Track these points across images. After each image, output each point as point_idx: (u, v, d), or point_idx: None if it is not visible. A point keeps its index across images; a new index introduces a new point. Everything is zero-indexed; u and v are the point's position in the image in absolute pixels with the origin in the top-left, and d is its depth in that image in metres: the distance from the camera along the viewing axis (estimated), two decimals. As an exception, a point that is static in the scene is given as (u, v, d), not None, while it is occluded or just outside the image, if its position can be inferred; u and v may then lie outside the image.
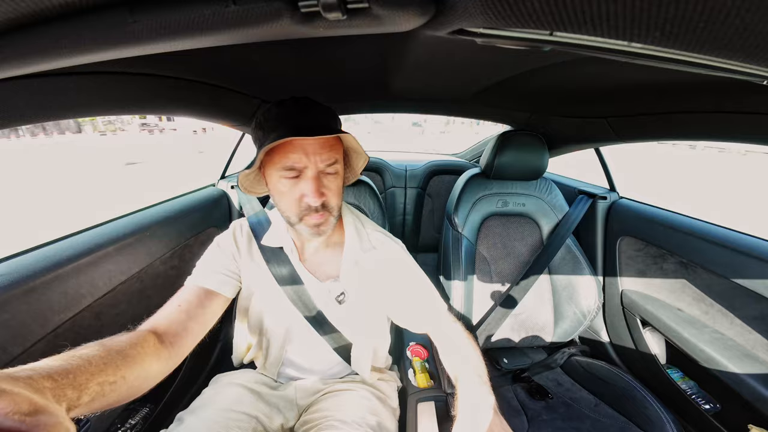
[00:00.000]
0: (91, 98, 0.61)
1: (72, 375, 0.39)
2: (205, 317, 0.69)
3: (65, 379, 0.38)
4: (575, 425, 0.95)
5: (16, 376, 0.33)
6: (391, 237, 0.88)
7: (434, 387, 0.93)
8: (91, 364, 0.43)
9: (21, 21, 0.32)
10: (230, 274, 0.77)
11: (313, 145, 0.63)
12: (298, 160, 0.63)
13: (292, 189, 0.65)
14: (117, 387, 0.46)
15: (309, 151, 0.63)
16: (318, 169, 0.65)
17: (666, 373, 1.14)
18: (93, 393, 0.41)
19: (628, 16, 0.25)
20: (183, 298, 0.69)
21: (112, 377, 0.45)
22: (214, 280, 0.73)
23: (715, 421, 0.99)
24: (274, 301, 0.81)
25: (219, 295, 0.73)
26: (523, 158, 1.25)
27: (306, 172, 0.64)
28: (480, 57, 0.74)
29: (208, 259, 0.78)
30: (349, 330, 0.85)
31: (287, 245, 0.80)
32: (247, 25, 0.32)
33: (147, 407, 0.96)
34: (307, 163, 0.63)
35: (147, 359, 0.53)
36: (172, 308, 0.66)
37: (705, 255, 1.03)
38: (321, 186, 0.65)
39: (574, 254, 1.27)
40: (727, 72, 0.34)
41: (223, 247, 0.80)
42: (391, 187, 2.10)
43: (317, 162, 0.64)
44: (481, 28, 0.34)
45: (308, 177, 0.64)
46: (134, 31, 0.33)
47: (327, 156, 0.65)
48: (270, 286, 0.80)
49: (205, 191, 1.38)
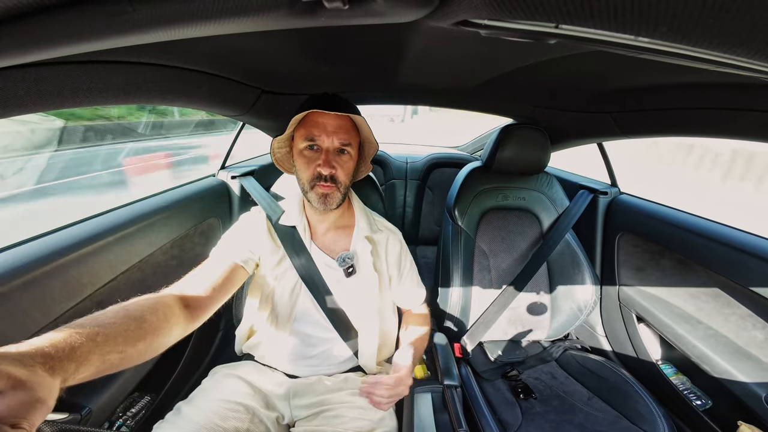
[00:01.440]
0: (90, 87, 0.60)
1: (72, 346, 0.39)
2: (227, 289, 0.72)
3: (64, 352, 0.37)
4: (568, 418, 0.96)
5: (5, 353, 0.33)
6: (393, 226, 0.99)
7: (430, 378, 0.94)
8: (98, 334, 0.43)
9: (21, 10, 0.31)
10: (252, 251, 0.81)
11: (332, 124, 0.77)
12: (318, 135, 0.77)
13: (311, 159, 0.78)
14: (125, 356, 0.46)
15: (328, 130, 0.77)
16: (333, 146, 0.78)
17: (659, 368, 1.15)
18: (95, 365, 0.41)
19: (636, 9, 0.25)
20: (208, 268, 0.73)
21: (120, 346, 0.45)
22: (239, 254, 0.78)
23: (705, 417, 1.00)
24: (285, 279, 0.84)
25: (242, 269, 0.77)
26: (525, 152, 1.25)
27: (322, 146, 0.78)
28: (484, 49, 0.73)
29: (234, 233, 0.84)
30: (357, 311, 0.86)
31: (300, 225, 0.86)
32: (248, 14, 0.32)
33: (147, 397, 0.97)
34: (325, 138, 0.77)
35: (167, 325, 0.54)
36: (198, 277, 0.70)
37: (703, 252, 1.04)
38: (332, 160, 0.77)
39: (573, 249, 1.27)
40: (734, 68, 0.33)
41: (248, 224, 0.86)
42: (392, 179, 2.10)
43: (333, 140, 0.77)
44: (486, 20, 0.33)
45: (323, 150, 0.78)
46: (134, 20, 0.32)
47: (342, 137, 0.78)
48: (283, 264, 0.84)
49: (206, 181, 1.37)
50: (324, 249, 0.87)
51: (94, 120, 5.99)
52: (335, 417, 0.76)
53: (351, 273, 0.84)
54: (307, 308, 0.85)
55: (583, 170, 1.72)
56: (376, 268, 0.87)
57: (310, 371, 0.86)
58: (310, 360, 0.87)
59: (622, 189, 1.46)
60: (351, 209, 0.93)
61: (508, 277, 1.29)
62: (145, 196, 1.09)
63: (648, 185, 3.10)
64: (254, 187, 1.12)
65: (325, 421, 0.76)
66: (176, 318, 0.57)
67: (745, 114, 0.76)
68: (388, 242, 0.92)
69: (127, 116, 6.43)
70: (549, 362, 1.25)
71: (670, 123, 0.96)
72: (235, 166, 1.53)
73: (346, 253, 0.85)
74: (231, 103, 1.07)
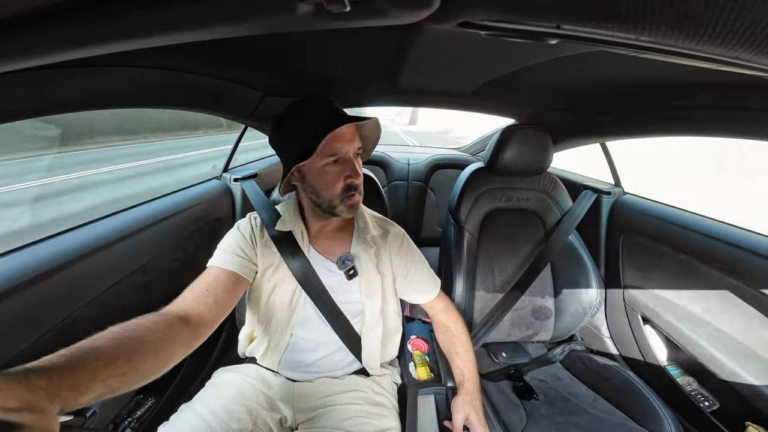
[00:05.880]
0: (94, 92, 0.61)
1: (72, 374, 0.39)
2: (229, 302, 0.71)
3: (63, 380, 0.37)
4: (573, 420, 0.96)
5: (11, 374, 0.34)
6: (393, 222, 0.97)
7: (434, 379, 0.94)
8: (99, 359, 0.43)
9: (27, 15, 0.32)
10: (250, 259, 0.80)
11: (349, 132, 0.74)
12: (341, 147, 0.73)
13: (337, 173, 0.75)
14: (127, 378, 0.46)
15: (347, 139, 0.74)
16: (354, 153, 0.76)
17: (665, 369, 1.14)
18: (96, 391, 0.41)
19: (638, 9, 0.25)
20: (209, 282, 0.70)
21: (122, 369, 0.45)
22: (238, 264, 0.76)
23: (713, 418, 0.99)
24: (284, 286, 0.82)
25: (243, 279, 0.76)
26: (527, 153, 1.24)
27: (346, 157, 0.74)
28: (485, 50, 0.73)
29: (230, 242, 0.80)
30: (359, 313, 0.85)
31: (297, 230, 0.84)
32: (250, 17, 0.32)
33: (151, 399, 0.98)
34: (348, 149, 0.74)
35: (169, 345, 0.54)
36: (200, 292, 0.68)
37: (709, 253, 1.03)
38: (358, 167, 0.76)
39: (576, 250, 1.26)
40: (737, 67, 0.33)
41: (243, 231, 0.83)
42: (394, 181, 2.10)
43: (354, 147, 0.75)
44: (487, 21, 0.33)
45: (349, 160, 0.75)
46: (139, 24, 0.32)
47: (358, 142, 0.76)
48: (281, 270, 0.82)
49: (209, 184, 1.38)
50: (323, 252, 0.85)
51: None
52: (338, 419, 0.76)
53: (352, 275, 0.83)
54: (307, 314, 0.84)
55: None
56: (378, 269, 0.86)
57: (313, 376, 0.86)
58: (312, 365, 0.86)
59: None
60: None
61: (512, 278, 1.29)
62: (150, 199, 1.10)
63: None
64: (253, 192, 1.11)
65: (328, 423, 0.75)
66: (178, 337, 0.56)
67: (752, 113, 0.75)
68: (389, 240, 0.90)
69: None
70: (553, 364, 1.24)
71: (673, 122, 0.96)
72: (238, 169, 1.54)
73: (346, 255, 0.84)
74: (234, 106, 1.07)
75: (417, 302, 0.95)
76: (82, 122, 8.50)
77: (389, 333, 0.91)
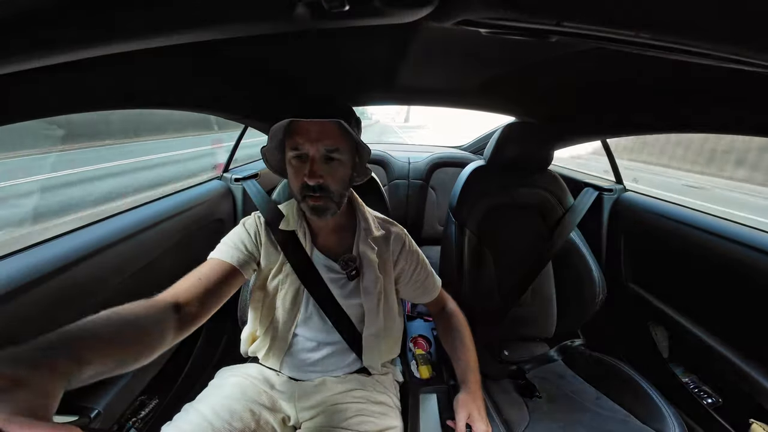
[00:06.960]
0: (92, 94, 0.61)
1: (76, 350, 0.40)
2: (222, 293, 0.71)
3: (68, 355, 0.38)
4: (576, 418, 0.95)
5: (6, 353, 0.34)
6: (395, 223, 0.96)
7: (436, 378, 0.94)
8: (97, 338, 0.44)
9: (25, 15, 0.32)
10: (251, 256, 0.80)
11: (316, 130, 0.70)
12: (302, 143, 0.71)
13: (297, 170, 0.73)
14: (123, 359, 0.47)
15: (312, 137, 0.70)
16: (320, 154, 0.71)
17: (668, 366, 1.14)
18: (96, 367, 0.41)
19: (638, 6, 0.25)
20: (204, 272, 0.71)
21: (117, 350, 0.46)
22: (236, 258, 0.76)
23: (716, 414, 0.99)
24: (286, 285, 0.83)
25: (239, 273, 0.76)
26: (528, 150, 1.24)
27: (307, 155, 0.72)
28: (485, 48, 0.73)
29: (233, 237, 0.81)
30: (361, 313, 0.85)
31: (300, 229, 0.84)
32: (248, 17, 0.32)
33: (155, 399, 0.98)
34: (309, 147, 0.71)
35: (161, 331, 0.55)
36: (193, 281, 0.68)
37: (710, 249, 1.02)
38: (319, 169, 0.71)
39: (578, 247, 1.26)
40: (735, 63, 0.33)
41: (248, 228, 0.84)
42: (394, 180, 2.10)
43: (319, 147, 0.71)
44: (486, 19, 0.33)
45: (308, 160, 0.72)
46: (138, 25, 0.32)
47: (329, 143, 0.71)
48: (284, 270, 0.83)
49: (210, 184, 1.38)
50: (326, 253, 0.85)
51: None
52: (341, 418, 0.76)
53: (354, 275, 0.83)
54: (309, 313, 0.84)
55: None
56: (380, 269, 0.86)
57: (315, 375, 0.86)
58: (314, 364, 0.86)
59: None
60: (353, 210, 0.91)
61: (513, 276, 1.28)
62: (152, 200, 1.10)
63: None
64: (255, 191, 1.11)
65: (330, 422, 0.76)
66: (168, 323, 0.57)
67: (746, 112, 0.75)
68: (391, 241, 0.90)
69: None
70: (556, 361, 1.24)
71: (675, 119, 0.95)
72: (239, 169, 1.54)
73: (349, 256, 0.84)
74: (233, 106, 1.07)
75: (419, 302, 0.95)
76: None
77: (391, 332, 0.91)
